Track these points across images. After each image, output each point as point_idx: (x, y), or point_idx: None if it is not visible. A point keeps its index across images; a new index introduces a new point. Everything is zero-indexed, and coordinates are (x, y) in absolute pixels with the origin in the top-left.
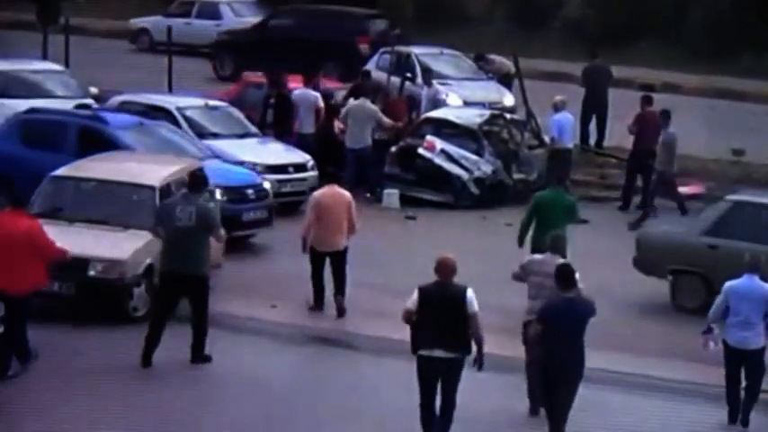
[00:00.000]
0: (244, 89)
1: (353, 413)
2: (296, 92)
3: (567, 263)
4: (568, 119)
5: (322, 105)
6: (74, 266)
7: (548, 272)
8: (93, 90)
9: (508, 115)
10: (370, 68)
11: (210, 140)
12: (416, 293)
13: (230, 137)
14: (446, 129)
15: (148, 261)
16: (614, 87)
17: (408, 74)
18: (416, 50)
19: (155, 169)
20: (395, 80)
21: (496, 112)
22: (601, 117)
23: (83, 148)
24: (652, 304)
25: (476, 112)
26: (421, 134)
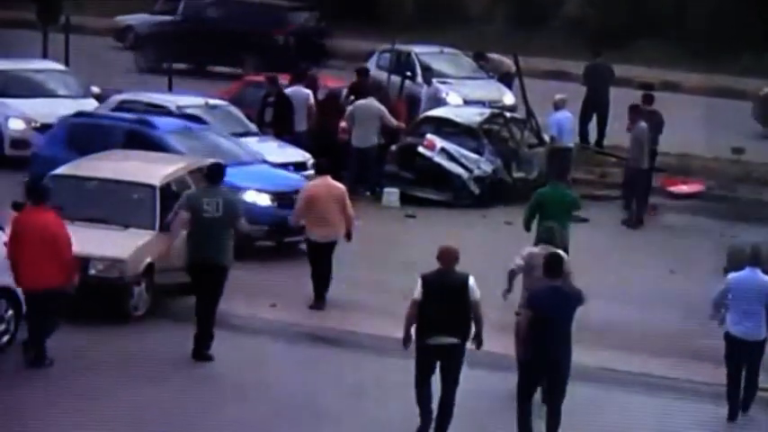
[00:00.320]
0: (243, 88)
1: (354, 412)
2: (288, 90)
3: (556, 252)
4: (568, 118)
5: (312, 103)
6: None
7: (539, 262)
8: (94, 89)
9: (508, 114)
10: (368, 66)
11: None
12: (419, 282)
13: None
14: (446, 127)
15: (148, 260)
16: (614, 86)
17: (408, 73)
18: (416, 49)
19: (155, 168)
20: (395, 79)
21: (496, 111)
22: (601, 116)
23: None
24: (652, 302)
25: (476, 111)
26: (421, 133)
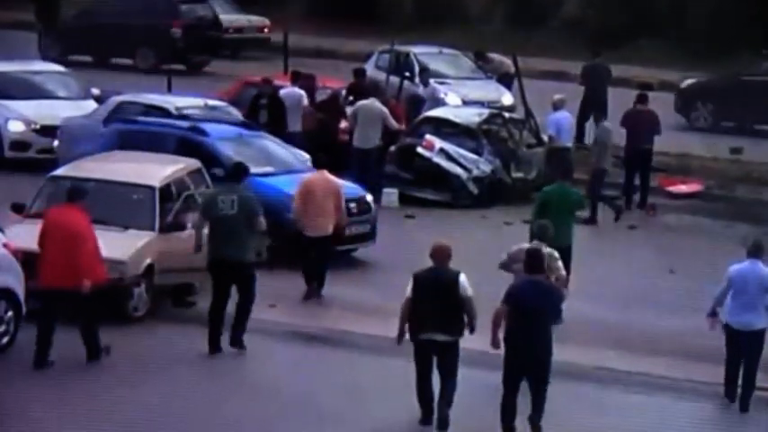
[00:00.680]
0: (242, 89)
1: (353, 412)
2: (282, 90)
3: (537, 247)
4: (567, 118)
5: (306, 104)
6: None
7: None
8: (94, 91)
9: (507, 114)
10: (365, 67)
11: None
12: (411, 280)
13: None
14: (445, 128)
15: (148, 261)
16: (613, 87)
17: (407, 73)
18: (415, 50)
19: (154, 169)
20: (394, 80)
21: (495, 111)
22: (599, 117)
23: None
24: (651, 302)
25: (475, 111)
26: (420, 133)
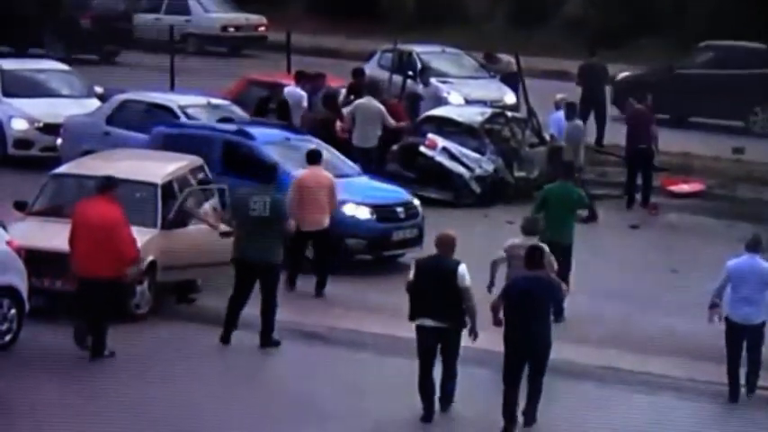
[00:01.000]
0: (246, 88)
1: (354, 410)
2: (285, 90)
3: (537, 244)
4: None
5: (306, 105)
6: None
7: (520, 253)
8: (98, 89)
9: (509, 113)
10: (364, 67)
11: None
12: (413, 266)
13: None
14: (448, 127)
15: (150, 258)
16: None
17: (410, 72)
18: (418, 49)
19: (157, 167)
20: (396, 79)
21: (498, 111)
22: (599, 115)
23: (228, 164)
24: (652, 301)
25: (477, 111)
26: (423, 132)
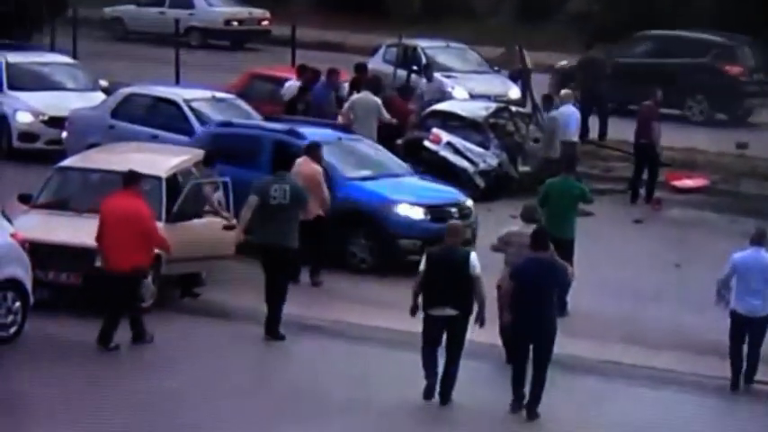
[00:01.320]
0: (249, 81)
1: (357, 404)
2: (285, 84)
3: (541, 226)
4: (573, 112)
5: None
6: (81, 257)
7: (522, 242)
8: (102, 82)
9: (513, 108)
10: (369, 62)
11: None
12: (425, 257)
13: None
14: (452, 121)
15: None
16: None
17: (415, 67)
18: (422, 43)
19: (161, 160)
20: (401, 73)
21: (502, 105)
22: (601, 110)
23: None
24: (656, 296)
25: (481, 105)
26: (427, 127)
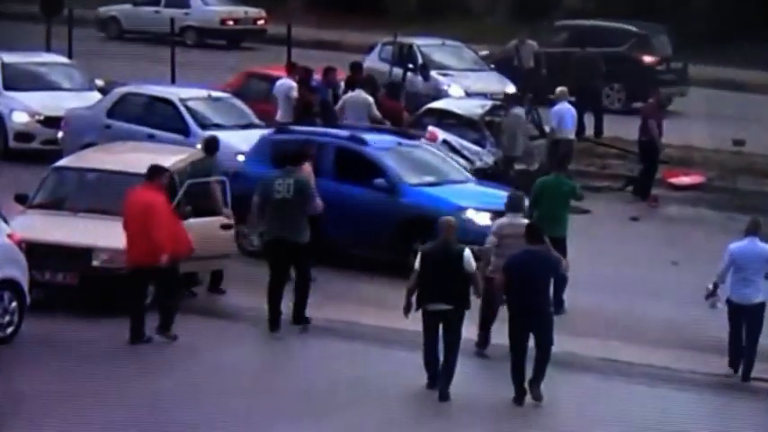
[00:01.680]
0: (246, 80)
1: (356, 403)
2: (277, 82)
3: (533, 222)
4: (568, 109)
5: (295, 95)
6: (77, 257)
7: (510, 232)
8: (98, 82)
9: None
10: (363, 60)
11: (213, 131)
12: (419, 254)
13: (233, 128)
14: (448, 119)
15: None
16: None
17: (410, 65)
18: (418, 42)
19: (157, 159)
20: (397, 71)
21: (498, 103)
22: (596, 107)
23: (340, 170)
24: (654, 293)
25: (477, 103)
26: (423, 125)
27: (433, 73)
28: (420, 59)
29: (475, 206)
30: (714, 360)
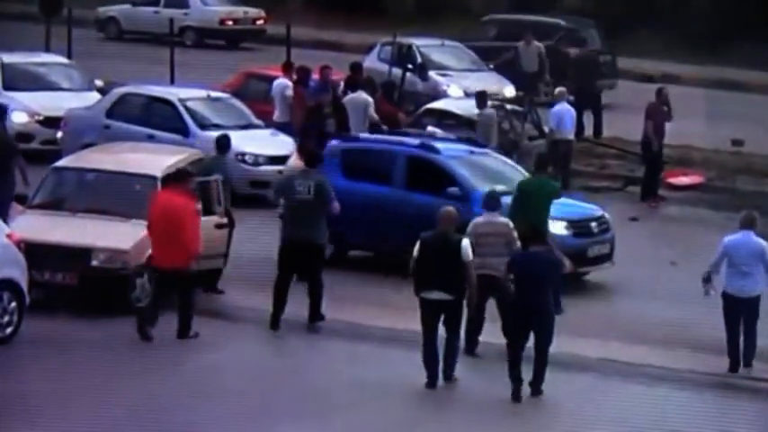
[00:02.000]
0: (245, 80)
1: (355, 403)
2: (274, 82)
3: (534, 225)
4: (568, 110)
5: (290, 94)
6: (76, 257)
7: (487, 231)
8: (98, 82)
9: (509, 106)
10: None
11: (213, 131)
12: (418, 242)
13: (233, 128)
14: (447, 119)
15: (150, 251)
16: (615, 78)
17: (410, 65)
18: (417, 42)
19: (156, 159)
20: (396, 72)
21: (497, 103)
22: (594, 106)
23: (412, 180)
24: (652, 293)
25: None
26: (422, 125)
27: (433, 73)
28: (419, 59)
29: (551, 215)
30: (713, 360)
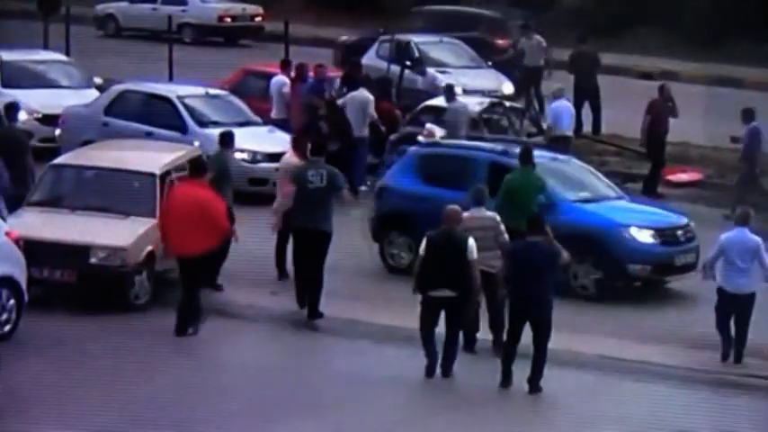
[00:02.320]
0: (243, 78)
1: (353, 400)
2: (272, 79)
3: (536, 213)
4: (567, 107)
5: (287, 91)
6: (75, 254)
7: (474, 225)
8: (96, 80)
9: (507, 103)
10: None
11: (211, 128)
12: (424, 240)
13: (231, 125)
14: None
15: (149, 248)
16: (615, 75)
17: (408, 62)
18: (416, 38)
19: (155, 156)
20: (395, 68)
21: (496, 100)
22: (594, 104)
23: (493, 185)
24: (650, 290)
25: (475, 100)
26: (421, 122)
27: (431, 70)
28: (417, 55)
29: (637, 224)
30: (711, 357)
